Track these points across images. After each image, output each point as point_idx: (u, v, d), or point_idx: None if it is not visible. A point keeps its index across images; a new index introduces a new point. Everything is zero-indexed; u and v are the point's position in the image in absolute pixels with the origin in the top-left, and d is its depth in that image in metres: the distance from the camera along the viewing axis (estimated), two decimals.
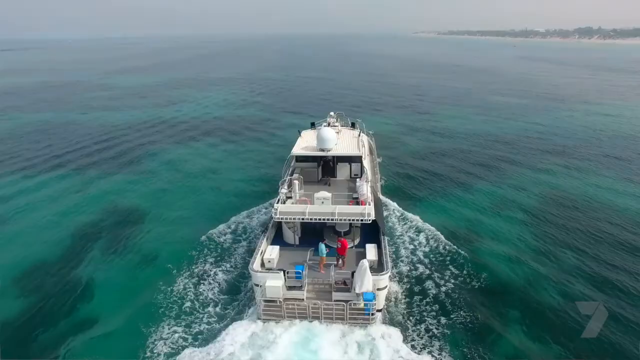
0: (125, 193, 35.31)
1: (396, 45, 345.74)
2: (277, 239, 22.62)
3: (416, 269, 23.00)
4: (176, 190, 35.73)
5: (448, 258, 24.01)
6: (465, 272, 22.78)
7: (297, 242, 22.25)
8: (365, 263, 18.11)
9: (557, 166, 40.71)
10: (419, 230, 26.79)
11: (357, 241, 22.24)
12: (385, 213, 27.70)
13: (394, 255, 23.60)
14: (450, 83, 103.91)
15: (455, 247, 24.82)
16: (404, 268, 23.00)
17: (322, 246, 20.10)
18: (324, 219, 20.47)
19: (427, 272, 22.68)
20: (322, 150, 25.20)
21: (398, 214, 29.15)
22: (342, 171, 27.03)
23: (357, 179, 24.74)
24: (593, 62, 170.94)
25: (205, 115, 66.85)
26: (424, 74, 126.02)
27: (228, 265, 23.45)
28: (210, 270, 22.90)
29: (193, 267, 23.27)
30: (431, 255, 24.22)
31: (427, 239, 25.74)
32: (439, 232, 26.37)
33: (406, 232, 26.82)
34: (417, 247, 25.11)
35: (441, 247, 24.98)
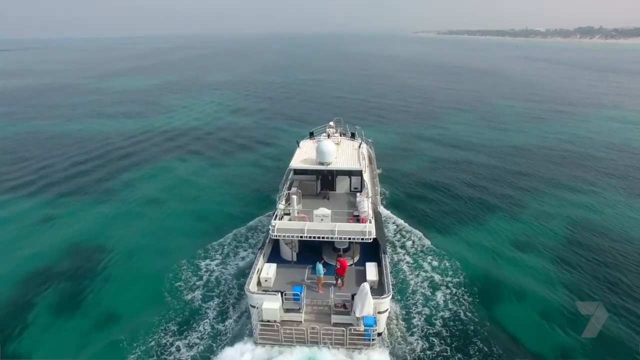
0: (105, 216, 32.72)
1: (396, 45, 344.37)
2: (274, 255, 21.93)
3: (418, 288, 22.09)
4: (163, 208, 33.79)
5: (451, 276, 23.11)
6: (470, 293, 21.89)
7: (295, 259, 21.56)
8: (366, 287, 17.47)
9: (582, 184, 37.69)
10: (421, 246, 25.92)
11: (356, 258, 21.63)
12: (385, 227, 26.91)
13: (394, 275, 22.72)
14: (454, 85, 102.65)
15: (458, 264, 24.00)
16: (406, 287, 22.11)
17: (319, 266, 19.44)
18: (323, 237, 19.82)
19: (430, 292, 21.83)
20: (322, 163, 24.67)
21: (398, 227, 28.23)
22: (342, 184, 26.42)
23: (358, 194, 24.10)
24: (598, 63, 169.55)
25: (197, 124, 63.92)
26: (425, 76, 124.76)
27: (222, 285, 22.52)
28: (203, 291, 22.05)
29: (184, 288, 22.35)
30: (434, 274, 23.36)
31: (430, 256, 24.88)
32: (441, 249, 25.48)
33: (407, 247, 25.96)
34: (419, 264, 24.22)
35: (444, 265, 24.10)
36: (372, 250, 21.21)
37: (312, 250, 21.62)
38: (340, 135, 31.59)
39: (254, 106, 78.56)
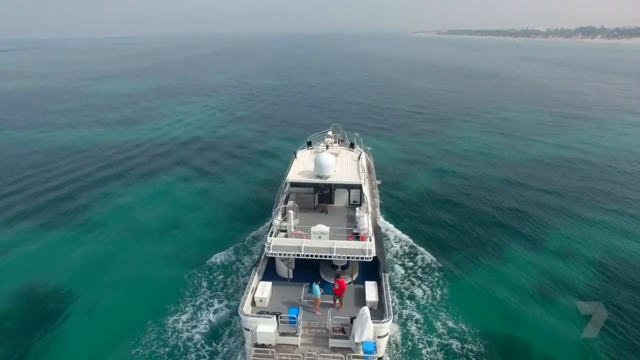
0: (90, 236, 30.28)
1: (397, 46, 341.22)
2: (270, 273, 21.06)
3: (420, 310, 21.04)
4: (150, 227, 31.30)
5: (456, 298, 21.87)
6: (477, 318, 20.47)
7: (292, 276, 20.64)
8: (366, 311, 16.50)
9: (611, 203, 34.08)
10: (423, 263, 24.85)
11: (355, 276, 20.70)
12: (385, 240, 25.91)
13: (394, 294, 21.86)
14: (458, 88, 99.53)
15: (465, 285, 22.90)
16: (407, 309, 21.12)
17: (316, 288, 18.43)
18: (321, 256, 18.90)
19: (432, 314, 20.78)
20: (320, 177, 23.93)
21: (398, 241, 27.21)
22: (341, 197, 25.50)
23: (357, 208, 23.17)
24: (604, 64, 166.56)
25: (189, 132, 60.14)
26: (428, 79, 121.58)
27: (215, 305, 21.46)
28: (195, 312, 21.03)
29: (174, 309, 21.25)
30: (437, 294, 22.26)
31: (433, 275, 23.76)
32: (445, 268, 24.22)
33: (409, 264, 24.85)
34: (422, 283, 23.10)
35: (448, 285, 22.92)
36: (371, 268, 20.32)
37: (309, 267, 20.66)
38: (339, 143, 30.52)
39: (250, 111, 75.45)
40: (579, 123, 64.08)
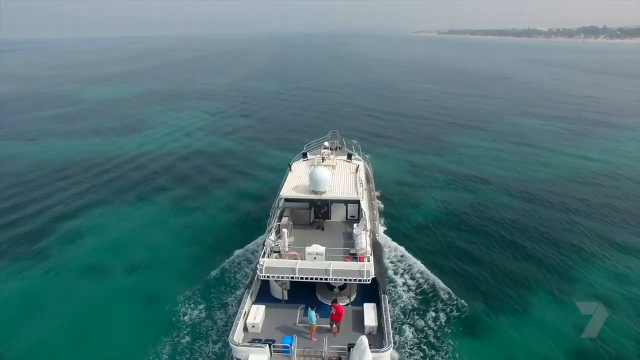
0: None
1: (398, 46, 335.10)
2: (263, 294, 20.19)
3: (423, 335, 19.96)
4: (131, 247, 28.96)
5: (462, 326, 20.47)
6: (485, 348, 19.30)
7: (286, 298, 19.77)
8: (364, 341, 15.51)
9: None
10: (426, 284, 23.37)
11: (353, 297, 19.84)
12: (384, 256, 24.40)
13: (395, 317, 20.80)
14: (466, 91, 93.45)
15: (472, 310, 21.43)
16: (408, 334, 20.07)
17: (312, 314, 17.36)
18: (316, 278, 18.10)
19: (436, 340, 19.61)
20: (315, 192, 23.02)
21: (398, 256, 25.83)
22: (338, 212, 24.54)
23: (355, 225, 22.07)
24: (615, 66, 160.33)
25: (173, 145, 54.34)
26: (432, 83, 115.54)
27: (203, 330, 20.40)
28: (182, 340, 19.93)
29: (161, 337, 20.04)
30: (440, 319, 20.96)
31: (437, 297, 22.39)
32: (452, 292, 22.55)
33: (410, 284, 23.55)
34: (424, 306, 21.86)
35: (454, 309, 21.45)
36: (370, 288, 19.41)
37: (304, 288, 19.78)
38: (337, 150, 30.13)
39: (242, 119, 69.99)
40: (600, 130, 58.80)
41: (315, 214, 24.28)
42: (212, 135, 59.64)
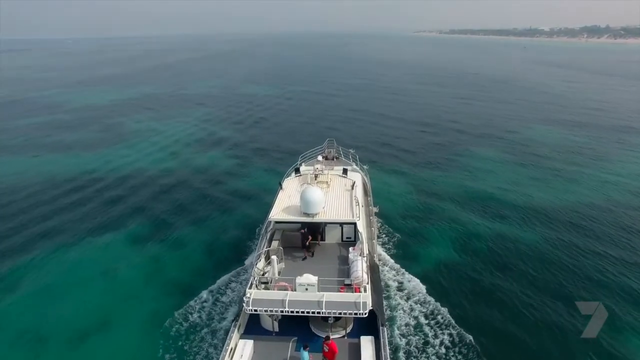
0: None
1: (399, 47, 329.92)
2: (252, 326, 18.60)
3: None
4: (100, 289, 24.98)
5: (465, 356, 18.54)
6: None
7: (277, 329, 17.95)
8: None
9: None
10: (428, 313, 21.19)
11: (349, 328, 18.16)
12: (382, 278, 22.86)
13: (395, 351, 18.87)
14: (474, 95, 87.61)
15: (476, 344, 19.10)
16: None
17: (304, 354, 15.53)
18: (308, 312, 16.77)
19: None
20: (307, 214, 21.49)
21: (400, 282, 23.48)
22: (333, 233, 23.07)
23: (351, 249, 20.76)
24: (623, 67, 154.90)
25: (155, 160, 48.80)
26: (437, 85, 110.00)
27: None
28: None
29: None
30: (447, 354, 18.80)
31: (442, 328, 20.18)
32: (460, 324, 20.27)
33: (412, 312, 21.39)
34: (426, 336, 19.88)
35: (463, 346, 19.07)
36: (368, 319, 17.49)
37: (297, 318, 17.82)
38: (333, 160, 29.43)
39: (233, 128, 64.55)
40: (630, 140, 52.78)
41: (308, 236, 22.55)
42: (199, 148, 54.16)
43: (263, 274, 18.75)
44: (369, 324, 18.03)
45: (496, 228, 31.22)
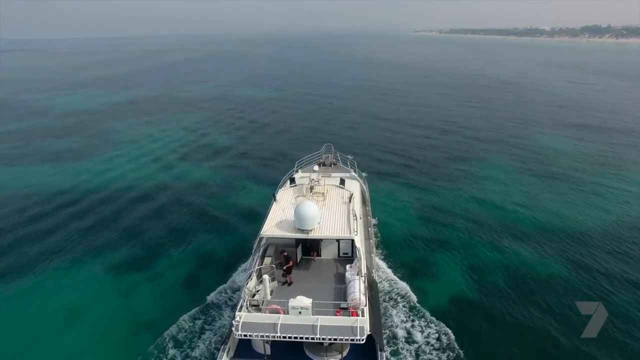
0: None
1: (400, 47, 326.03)
2: (242, 349, 17.79)
3: None
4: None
5: None
6: None
7: (269, 352, 17.24)
8: None
9: None
10: (432, 337, 19.57)
11: (346, 352, 17.29)
12: (380, 296, 21.61)
13: None
14: (480, 101, 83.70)
15: None
16: None
17: None
18: (301, 337, 15.83)
19: None
20: (302, 231, 19.83)
21: (401, 300, 22.34)
22: (329, 248, 21.62)
23: (348, 267, 19.52)
24: (632, 68, 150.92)
25: (137, 175, 44.96)
26: (440, 88, 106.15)
27: None
28: None
29: None
30: None
31: (446, 353, 18.59)
32: (461, 347, 18.59)
33: (413, 334, 19.88)
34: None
35: None
36: (366, 343, 16.32)
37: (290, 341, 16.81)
38: (331, 166, 28.71)
39: (226, 134, 61.30)
40: None
41: (304, 251, 21.63)
42: (191, 156, 50.74)
43: (254, 295, 17.65)
44: (366, 348, 17.12)
45: (510, 250, 28.22)
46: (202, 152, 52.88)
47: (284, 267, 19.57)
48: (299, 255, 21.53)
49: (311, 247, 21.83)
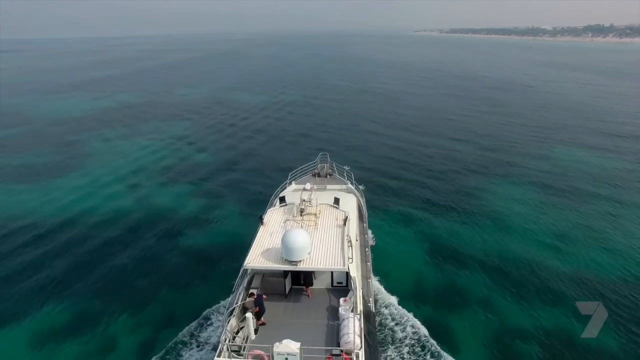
0: None
1: (400, 47, 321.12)
2: None
3: None
4: None
5: None
6: None
7: None
8: None
9: None
10: None
11: None
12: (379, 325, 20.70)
13: None
14: (488, 108, 78.52)
15: None
16: None
17: None
18: None
19: None
20: (290, 262, 17.92)
21: (403, 332, 20.85)
22: (322, 278, 19.71)
23: (342, 301, 17.77)
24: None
25: (114, 193, 40.43)
26: (443, 93, 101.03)
27: None
28: None
29: None
30: None
31: None
32: None
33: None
34: None
35: None
36: None
37: None
38: (327, 177, 27.14)
39: (217, 143, 56.87)
40: None
41: (293, 280, 19.76)
42: (170, 175, 45.45)
43: (234, 338, 15.96)
44: None
45: (537, 306, 23.19)
46: (186, 167, 48.00)
47: (253, 312, 17.24)
48: (288, 286, 19.65)
49: (301, 277, 19.79)
